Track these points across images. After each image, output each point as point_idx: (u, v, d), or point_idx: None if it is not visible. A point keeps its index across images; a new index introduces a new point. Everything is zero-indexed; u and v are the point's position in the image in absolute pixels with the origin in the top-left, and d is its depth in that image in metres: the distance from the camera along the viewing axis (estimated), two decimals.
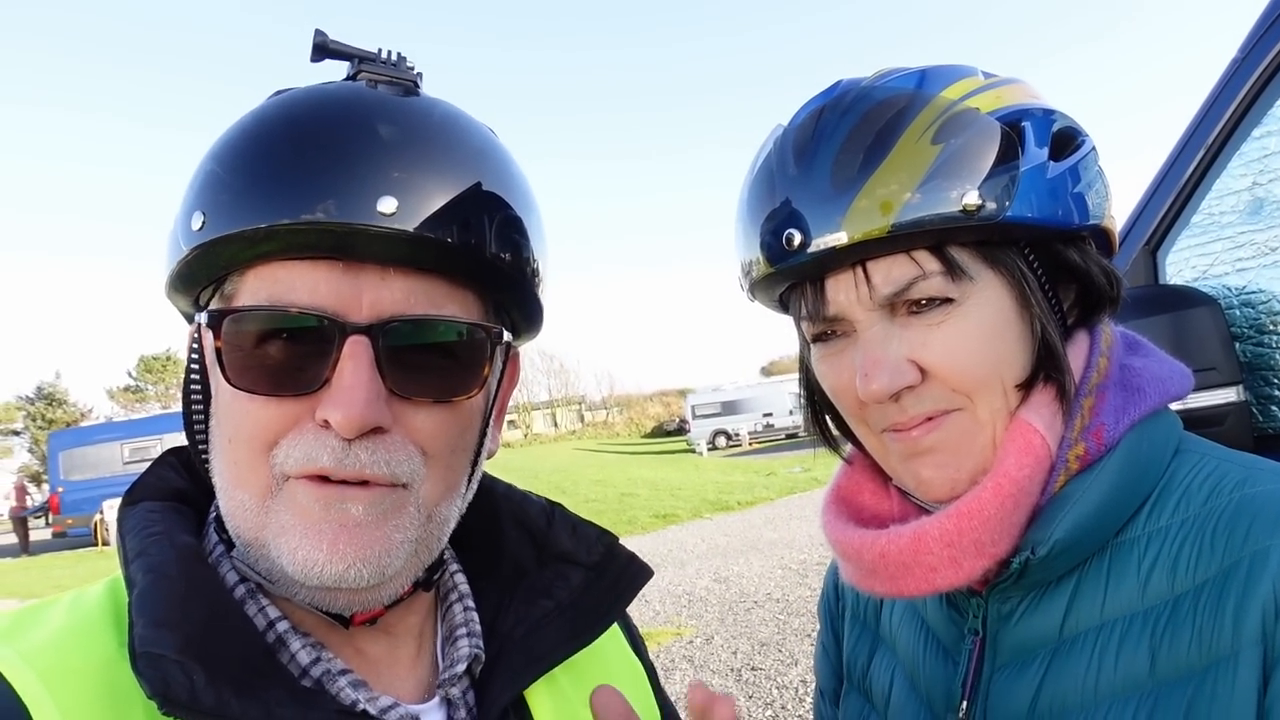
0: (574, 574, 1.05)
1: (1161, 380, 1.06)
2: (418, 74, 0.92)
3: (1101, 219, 1.05)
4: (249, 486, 0.83)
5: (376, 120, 0.84)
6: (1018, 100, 1.02)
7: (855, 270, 1.00)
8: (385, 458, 0.82)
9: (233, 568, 0.88)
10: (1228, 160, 2.23)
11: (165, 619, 0.74)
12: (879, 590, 1.06)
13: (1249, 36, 2.17)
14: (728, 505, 19.58)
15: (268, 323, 0.82)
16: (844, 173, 0.98)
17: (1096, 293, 1.07)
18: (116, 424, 29.88)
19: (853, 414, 1.10)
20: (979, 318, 0.99)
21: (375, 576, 0.83)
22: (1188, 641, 0.91)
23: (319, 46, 0.90)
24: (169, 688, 0.70)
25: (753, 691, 7.05)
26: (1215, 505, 0.96)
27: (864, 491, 1.20)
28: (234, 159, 0.84)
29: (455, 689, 0.94)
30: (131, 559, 0.82)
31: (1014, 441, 1.00)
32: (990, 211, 0.96)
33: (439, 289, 0.86)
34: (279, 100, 0.88)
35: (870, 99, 1.01)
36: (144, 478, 0.95)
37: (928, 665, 1.17)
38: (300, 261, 0.82)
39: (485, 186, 0.88)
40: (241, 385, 0.82)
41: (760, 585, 10.87)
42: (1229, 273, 2.22)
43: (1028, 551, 0.98)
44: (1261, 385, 2.14)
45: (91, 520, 25.50)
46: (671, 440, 56.64)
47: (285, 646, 0.85)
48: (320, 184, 0.79)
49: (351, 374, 0.80)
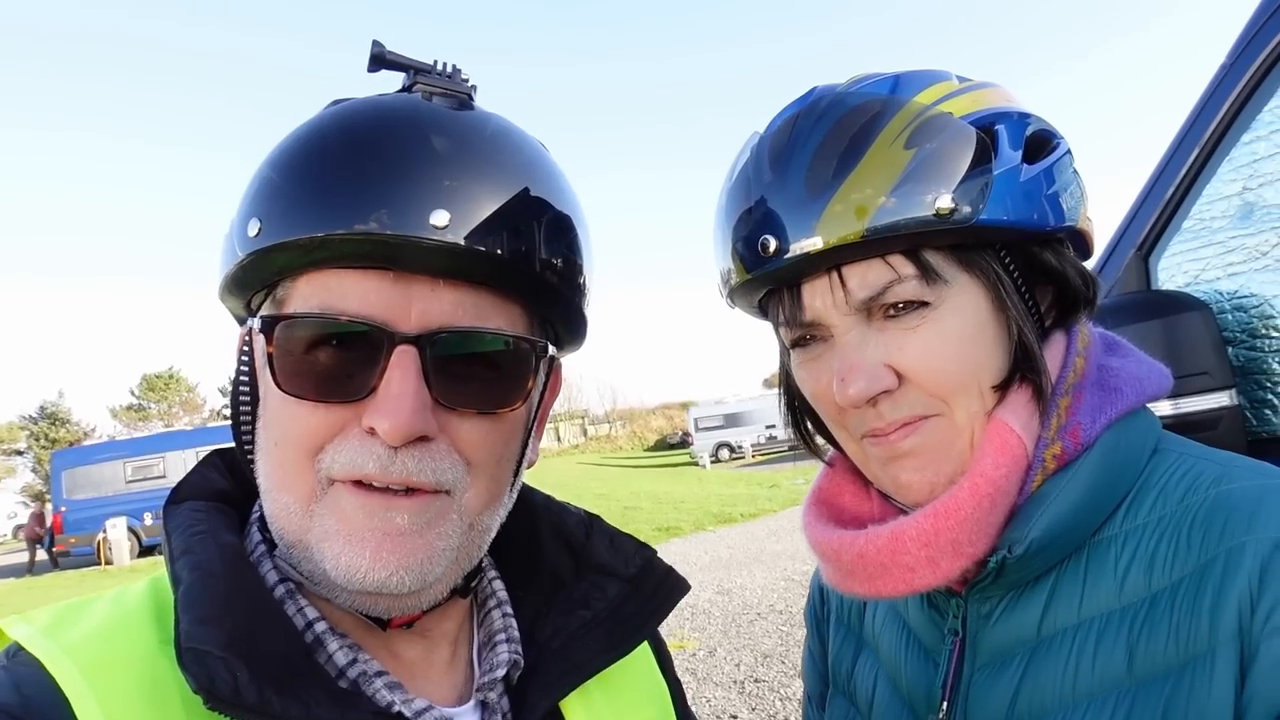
0: (611, 585, 1.06)
1: (1139, 380, 1.07)
2: (472, 86, 0.94)
3: (1077, 221, 1.05)
4: (294, 490, 0.85)
5: (431, 133, 0.86)
6: (991, 104, 1.03)
7: (831, 275, 1.01)
8: (430, 465, 0.84)
9: (273, 567, 0.90)
10: (1217, 166, 2.23)
11: (210, 615, 0.76)
12: (858, 591, 1.06)
13: (1237, 42, 2.17)
14: (730, 517, 19.52)
15: (318, 330, 0.83)
16: (818, 178, 0.99)
17: (1072, 294, 1.08)
18: (119, 443, 29.96)
19: (832, 419, 1.10)
20: (955, 321, 1.00)
21: (417, 583, 0.84)
22: (1165, 639, 0.91)
23: (376, 57, 0.92)
24: (213, 683, 0.72)
25: (756, 704, 7.01)
26: (1191, 502, 0.96)
27: (844, 493, 1.20)
28: (291, 167, 0.86)
29: (493, 693, 0.95)
30: (177, 556, 0.83)
31: (991, 442, 1.01)
32: (964, 215, 0.96)
33: (486, 301, 0.88)
34: (336, 111, 0.90)
35: (844, 105, 1.02)
36: (188, 478, 0.97)
37: (909, 667, 1.17)
38: (352, 270, 0.84)
39: (537, 199, 0.90)
40: (291, 390, 0.83)
41: (763, 597, 10.84)
42: (1220, 278, 2.22)
43: (1004, 551, 0.98)
44: (1254, 389, 2.13)
45: (95, 539, 25.49)
46: (674, 453, 56.64)
47: (323, 647, 0.86)
48: (374, 195, 0.81)
49: (399, 383, 0.81)
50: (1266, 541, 0.88)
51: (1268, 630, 0.85)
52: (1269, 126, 2.11)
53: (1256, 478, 0.95)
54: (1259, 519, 0.90)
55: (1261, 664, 0.85)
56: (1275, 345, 2.08)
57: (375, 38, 0.91)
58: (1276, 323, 2.07)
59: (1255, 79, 2.12)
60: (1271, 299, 2.08)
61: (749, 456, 44.39)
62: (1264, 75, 2.11)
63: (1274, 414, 2.10)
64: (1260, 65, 2.10)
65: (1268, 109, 2.12)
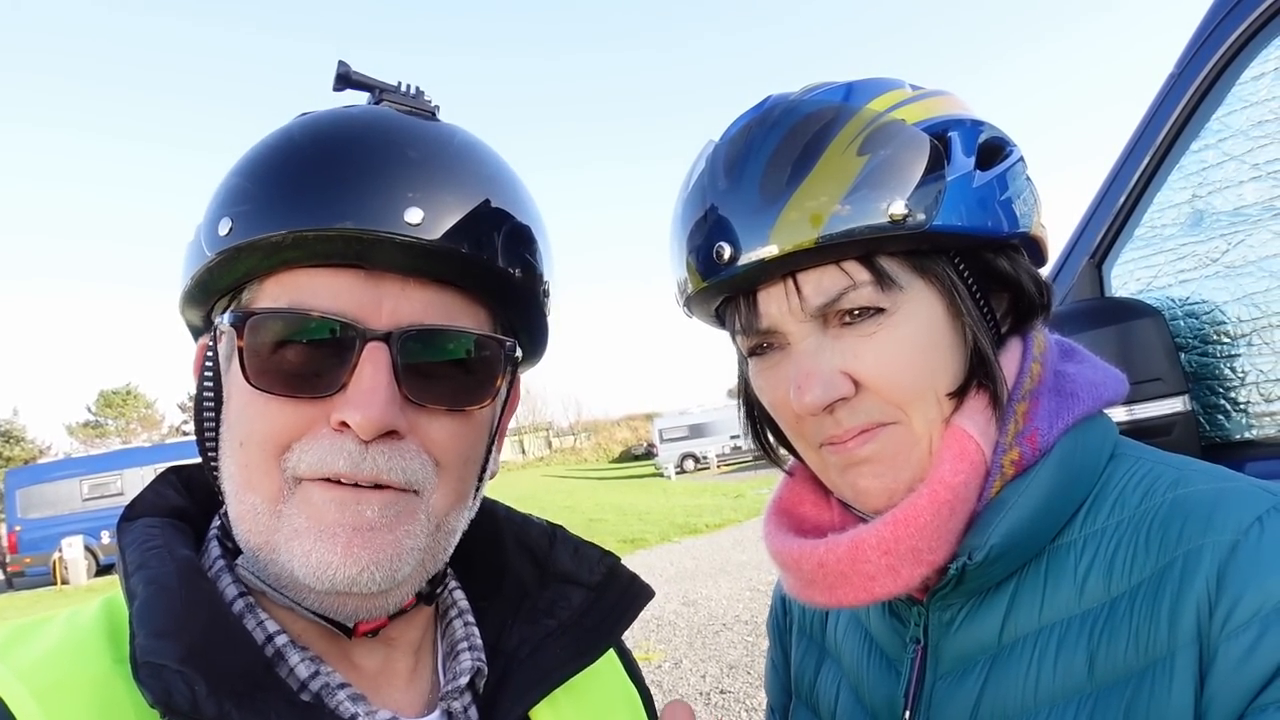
0: (576, 594, 1.06)
1: (1095, 385, 1.07)
2: (435, 106, 0.97)
3: (1030, 228, 1.06)
4: (260, 489, 0.85)
5: (402, 138, 0.88)
6: (944, 111, 1.04)
7: (786, 282, 1.00)
8: (400, 464, 0.84)
9: (232, 581, 0.89)
10: (1168, 174, 2.26)
11: (166, 629, 0.75)
12: (819, 600, 1.06)
13: (1185, 51, 2.21)
14: (696, 528, 19.54)
15: (291, 325, 0.84)
16: (772, 185, 0.99)
17: (1028, 301, 1.08)
18: (75, 460, 29.42)
19: (790, 427, 1.10)
20: (910, 328, 1.00)
21: (386, 581, 0.84)
22: (1125, 643, 0.92)
23: (341, 76, 0.94)
24: (171, 697, 0.70)
25: (721, 715, 7.01)
26: (1149, 507, 0.97)
27: (805, 503, 1.20)
28: (262, 170, 0.87)
29: (458, 702, 0.95)
30: (131, 572, 0.82)
31: (949, 448, 1.01)
32: (918, 221, 0.96)
33: (455, 302, 0.90)
34: (306, 119, 0.92)
35: (797, 113, 1.02)
36: (143, 494, 0.95)
37: (871, 676, 1.17)
38: (323, 269, 0.85)
39: (503, 207, 0.93)
40: (260, 385, 0.84)
41: (729, 608, 10.84)
42: (1172, 284, 2.24)
43: (965, 558, 0.98)
44: (1207, 394, 2.16)
45: (50, 559, 25.02)
46: (639, 465, 56.57)
47: (284, 660, 0.85)
48: (348, 193, 0.83)
49: (371, 377, 0.82)
50: (1223, 545, 0.89)
51: (1226, 633, 0.85)
52: (1217, 135, 2.15)
53: (1212, 481, 0.96)
54: (1215, 522, 0.91)
55: (1220, 666, 0.85)
56: (1226, 351, 2.11)
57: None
58: (1227, 328, 2.11)
59: (1203, 87, 2.16)
60: (1222, 305, 2.11)
61: (714, 467, 44.46)
62: (1212, 83, 2.15)
63: (1227, 419, 2.13)
64: (1208, 74, 2.14)
65: (1215, 117, 2.15)
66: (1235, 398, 2.11)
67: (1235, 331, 2.09)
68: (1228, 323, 2.11)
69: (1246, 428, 2.10)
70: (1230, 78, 2.12)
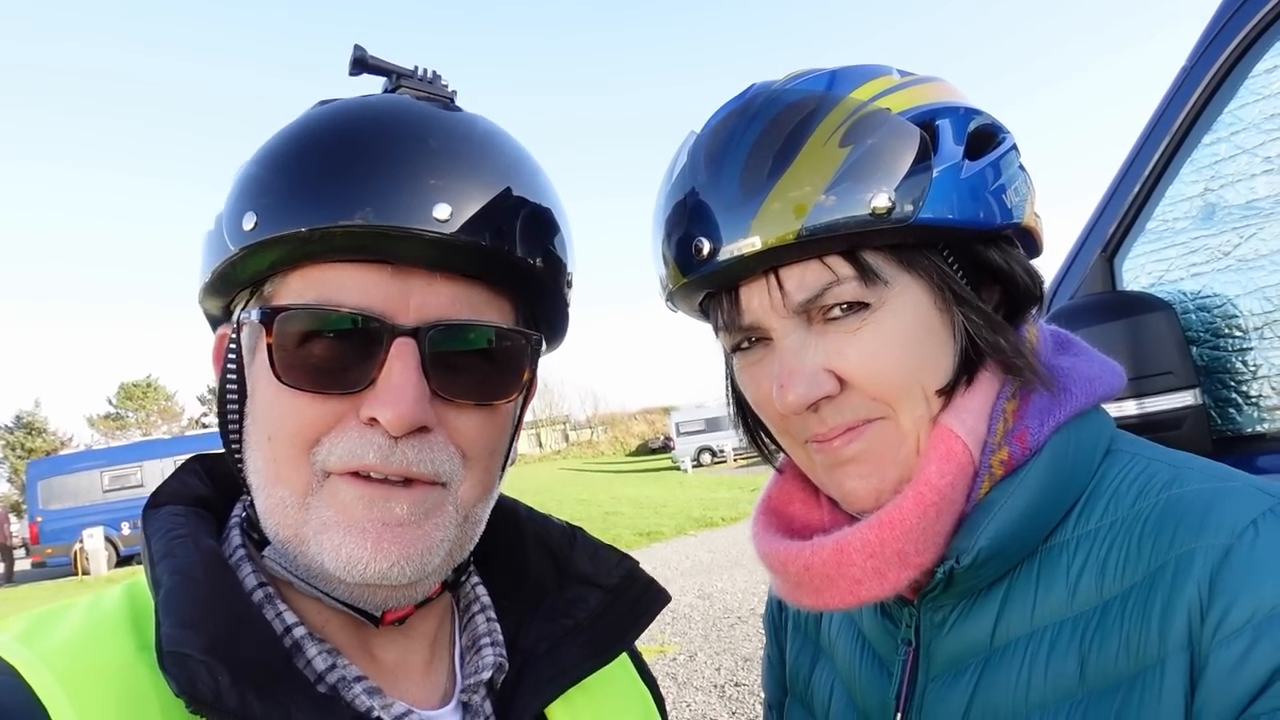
0: (593, 595, 1.07)
1: (1090, 380, 1.04)
2: (453, 91, 0.96)
3: (1023, 218, 1.02)
4: (289, 483, 0.85)
5: (425, 130, 0.88)
6: (933, 99, 1.00)
7: (768, 277, 0.98)
8: (429, 457, 0.85)
9: (252, 571, 0.89)
10: (1180, 168, 2.24)
11: (191, 619, 0.76)
12: (806, 603, 1.04)
13: (1197, 44, 2.19)
14: (712, 521, 19.56)
15: (320, 321, 0.84)
16: (752, 178, 0.96)
17: (1020, 293, 1.05)
18: (96, 452, 29.63)
19: (775, 425, 1.07)
20: (897, 323, 0.97)
21: (416, 574, 0.85)
22: (1116, 648, 0.89)
23: (358, 61, 0.94)
24: (195, 687, 0.71)
25: (736, 708, 7.01)
26: (1143, 507, 0.94)
27: (794, 501, 1.17)
28: (285, 162, 0.86)
29: (476, 696, 0.96)
30: (157, 560, 0.83)
31: (935, 449, 0.98)
32: (903, 213, 0.93)
33: (480, 296, 0.90)
34: (326, 109, 0.91)
35: (779, 102, 0.99)
36: (168, 483, 0.96)
37: (864, 676, 1.15)
38: (348, 264, 0.85)
39: (527, 198, 0.93)
40: (289, 381, 0.84)
41: (744, 601, 10.84)
42: (1184, 278, 2.22)
43: (952, 561, 0.96)
44: (1218, 388, 2.14)
45: (71, 550, 25.24)
46: (656, 458, 56.65)
47: (302, 652, 0.86)
48: (375, 189, 0.82)
49: (400, 373, 0.83)
50: (1216, 548, 0.85)
51: (1218, 640, 0.82)
52: (1229, 128, 2.12)
53: (1208, 480, 0.93)
54: (1209, 525, 0.87)
55: (1211, 674, 0.82)
56: (1238, 344, 2.09)
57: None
58: (1239, 322, 2.08)
59: (1215, 81, 2.14)
60: (1234, 299, 2.09)
61: (730, 461, 44.42)
62: (1224, 77, 2.13)
63: (1238, 412, 2.11)
64: (1220, 67, 2.12)
65: (1228, 110, 2.13)
66: (1246, 391, 2.09)
67: (1246, 325, 2.07)
68: (1239, 316, 2.09)
69: (1258, 421, 2.08)
70: (1243, 71, 2.10)
